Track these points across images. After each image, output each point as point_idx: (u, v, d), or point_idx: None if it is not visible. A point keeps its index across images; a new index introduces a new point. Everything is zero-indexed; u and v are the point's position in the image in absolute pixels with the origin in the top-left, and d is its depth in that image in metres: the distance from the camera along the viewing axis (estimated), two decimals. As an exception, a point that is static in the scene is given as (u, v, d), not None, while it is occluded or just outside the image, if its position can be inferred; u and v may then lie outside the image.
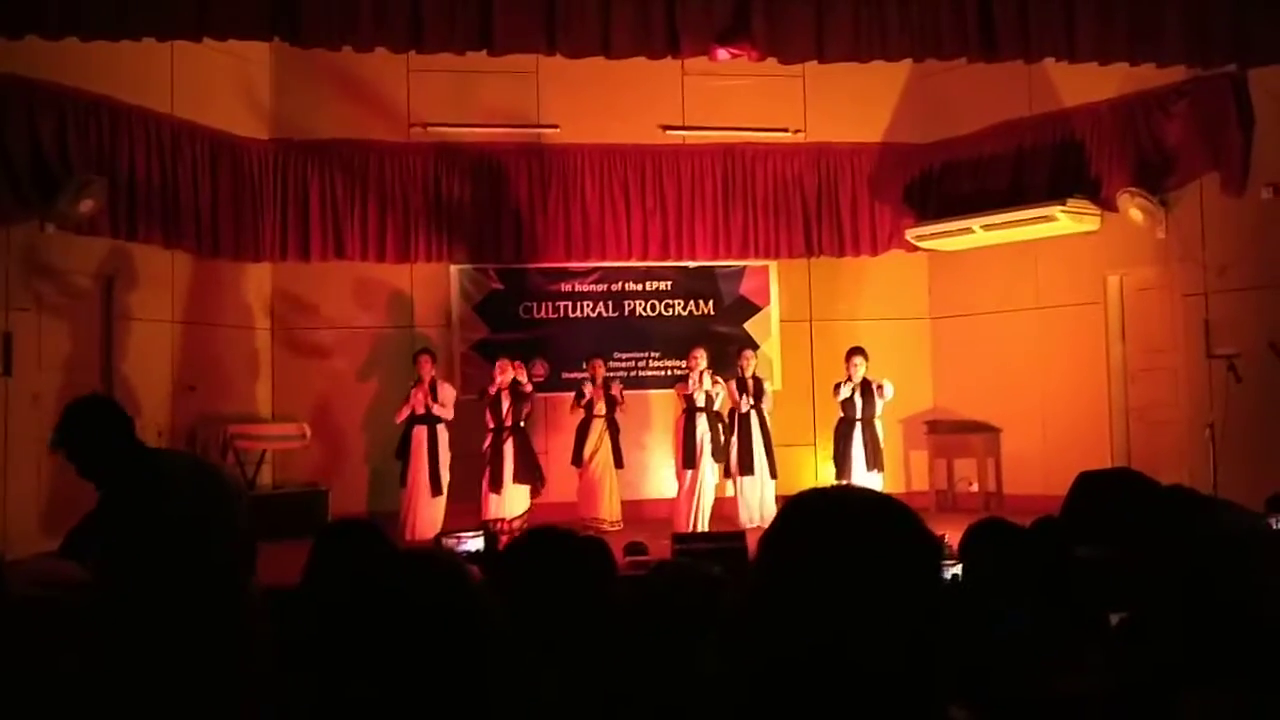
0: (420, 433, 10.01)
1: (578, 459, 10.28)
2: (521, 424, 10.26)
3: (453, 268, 11.42)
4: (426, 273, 11.35)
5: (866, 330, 11.55)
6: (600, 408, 10.26)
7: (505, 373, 10.06)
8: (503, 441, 10.06)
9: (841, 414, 10.05)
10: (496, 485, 9.95)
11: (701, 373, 9.92)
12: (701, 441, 9.85)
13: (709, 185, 11.56)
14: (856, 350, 10.10)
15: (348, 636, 1.55)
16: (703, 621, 2.65)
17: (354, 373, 11.20)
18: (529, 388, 10.25)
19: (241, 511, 3.32)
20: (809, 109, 11.77)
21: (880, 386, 9.88)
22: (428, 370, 10.09)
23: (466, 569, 1.66)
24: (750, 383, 10.32)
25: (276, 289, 11.14)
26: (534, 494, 10.16)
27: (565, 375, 11.40)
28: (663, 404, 11.18)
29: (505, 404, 10.10)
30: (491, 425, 10.11)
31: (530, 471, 10.11)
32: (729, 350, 10.84)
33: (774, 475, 10.26)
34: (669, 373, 11.52)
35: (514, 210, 11.27)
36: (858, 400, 9.93)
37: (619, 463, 10.31)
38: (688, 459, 9.84)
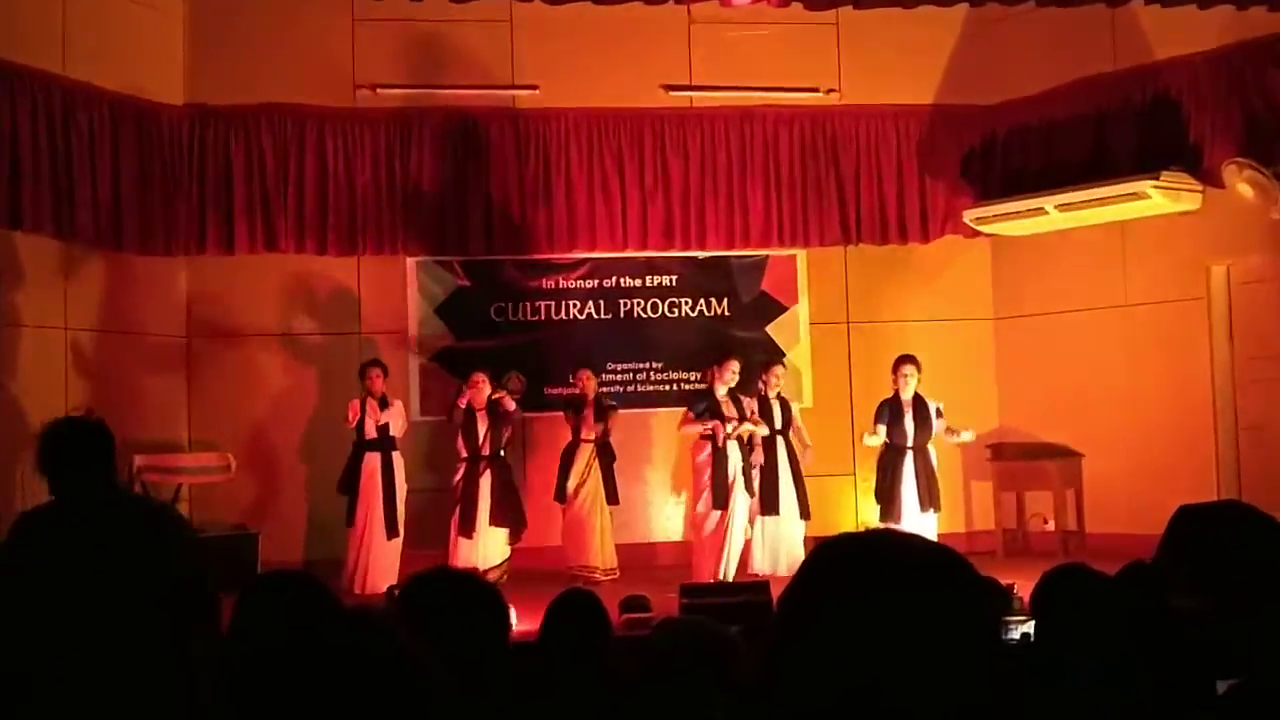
0: (372, 461, 10.06)
1: (561, 494, 10.32)
2: (501, 452, 10.33)
3: (410, 261, 11.58)
4: (377, 268, 11.49)
5: (917, 334, 11.65)
6: (590, 430, 10.28)
7: (481, 388, 10.14)
8: (478, 474, 10.11)
9: (886, 440, 10.09)
10: (468, 528, 9.96)
11: (734, 392, 10.02)
12: (734, 476, 9.87)
13: (722, 158, 11.67)
14: (907, 359, 10.12)
15: (275, 713, 1.58)
16: (713, 691, 2.68)
17: (289, 391, 11.34)
18: (511, 406, 10.29)
19: (181, 558, 3.45)
20: (844, 65, 11.92)
21: (954, 431, 9.99)
22: (379, 386, 10.19)
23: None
24: (776, 404, 10.43)
25: (194, 289, 11.28)
26: (514, 539, 10.24)
27: (549, 391, 11.55)
28: (666, 425, 11.29)
29: (482, 428, 10.16)
30: (465, 454, 10.17)
31: (511, 512, 10.18)
32: (752, 361, 10.91)
33: (805, 515, 10.38)
34: (674, 387, 11.74)
35: (484, 191, 11.38)
36: (909, 424, 9.97)
37: (612, 498, 10.38)
38: (719, 498, 9.79)
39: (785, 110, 11.71)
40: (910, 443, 9.92)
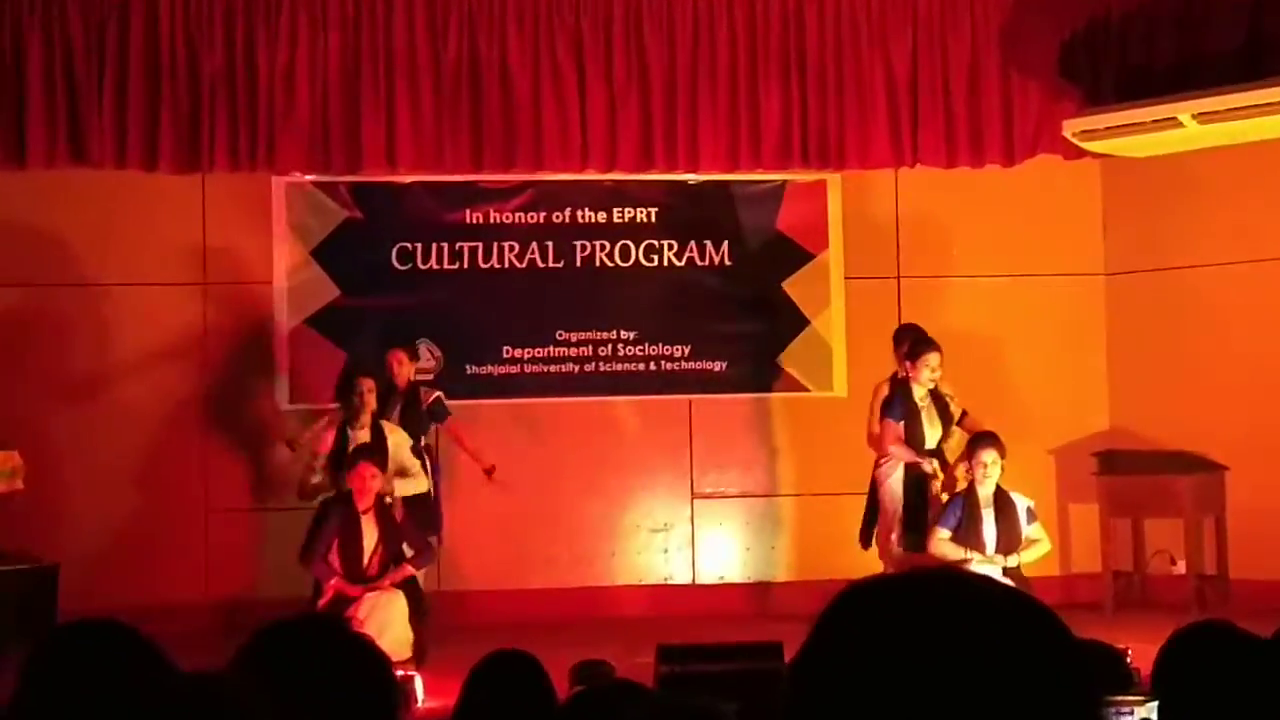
0: (365, 527, 9.86)
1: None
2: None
3: (277, 182, 11.71)
4: (230, 191, 11.59)
5: (995, 295, 11.75)
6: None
7: (402, 368, 10.58)
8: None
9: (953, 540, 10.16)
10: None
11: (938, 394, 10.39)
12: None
13: (724, 43, 11.65)
14: (987, 441, 10.04)
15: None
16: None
17: (102, 366, 11.46)
18: (434, 394, 10.67)
19: None
20: (897, -87, 11.80)
21: (1029, 512, 10.07)
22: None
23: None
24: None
25: (-32, 216, 11.36)
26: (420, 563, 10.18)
27: (472, 370, 11.76)
28: (636, 419, 11.74)
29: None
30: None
31: (425, 529, 10.50)
32: (774, 334, 11.19)
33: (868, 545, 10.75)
34: (651, 366, 11.91)
35: (385, 85, 11.41)
36: (989, 530, 9.98)
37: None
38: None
39: (811, -23, 11.67)
40: (991, 551, 9.98)
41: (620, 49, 11.60)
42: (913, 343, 10.48)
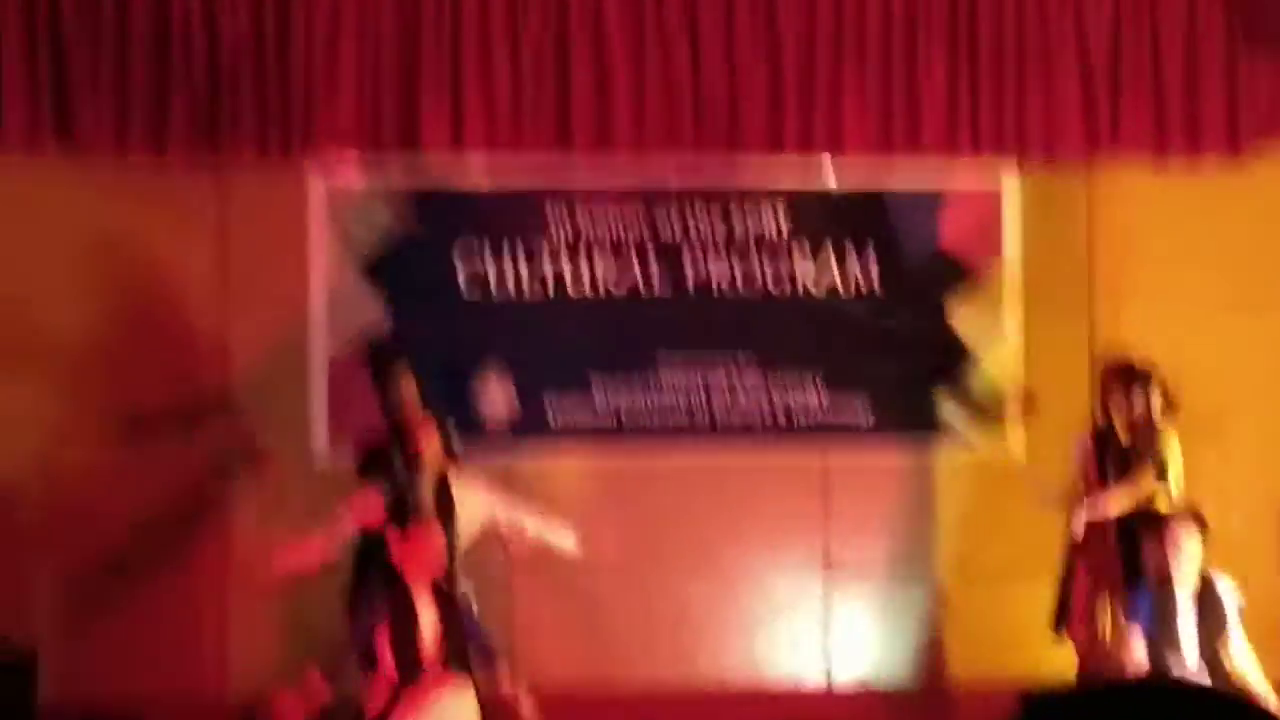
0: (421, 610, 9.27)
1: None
2: None
3: (317, 180, 11.08)
4: (256, 186, 10.93)
5: (1215, 329, 11.07)
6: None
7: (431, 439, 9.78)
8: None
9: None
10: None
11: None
12: None
13: (873, 6, 10.98)
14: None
15: None
16: None
17: (94, 404, 10.85)
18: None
19: None
20: None
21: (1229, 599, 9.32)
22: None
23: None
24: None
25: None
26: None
27: (553, 414, 11.11)
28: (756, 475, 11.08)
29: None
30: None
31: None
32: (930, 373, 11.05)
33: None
34: (777, 400, 11.12)
35: (450, 50, 10.75)
36: (1183, 631, 9.18)
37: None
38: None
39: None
40: (1187, 666, 9.21)
41: (744, 10, 10.94)
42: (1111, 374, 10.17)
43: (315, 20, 10.76)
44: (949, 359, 11.19)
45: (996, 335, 11.34)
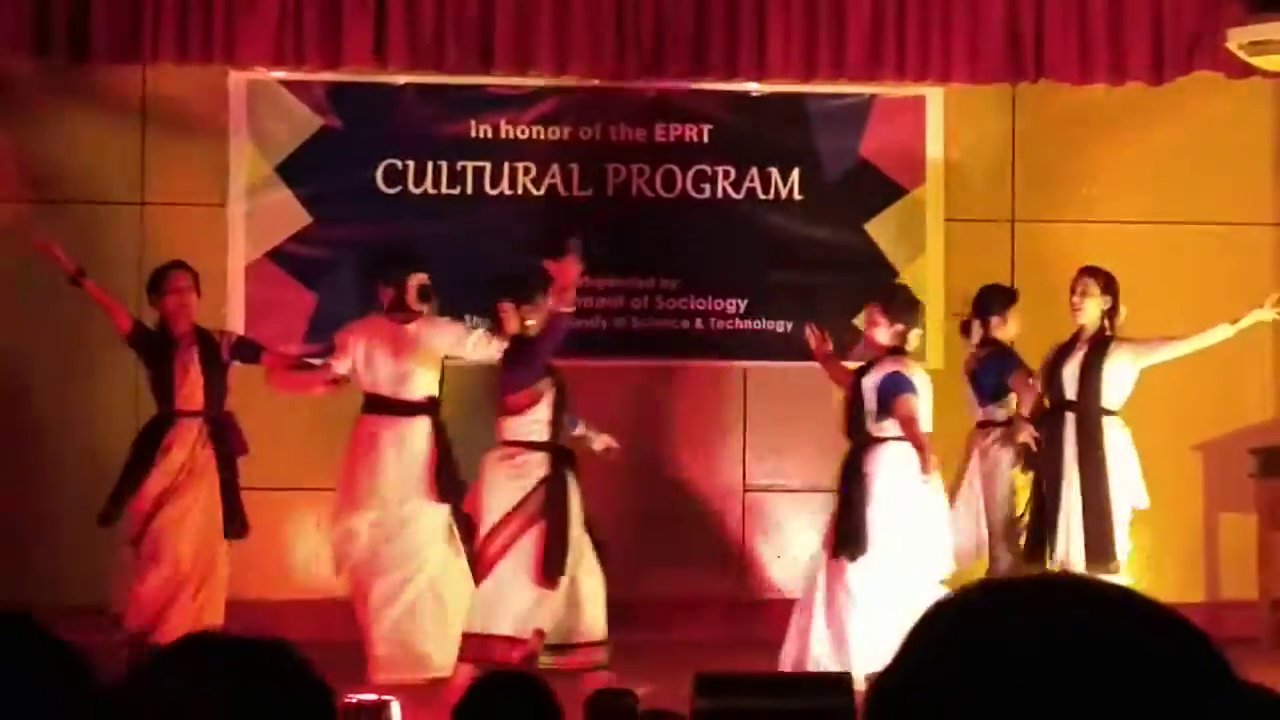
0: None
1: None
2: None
3: (236, 78, 11.22)
4: (175, 85, 11.13)
5: (1134, 244, 11.30)
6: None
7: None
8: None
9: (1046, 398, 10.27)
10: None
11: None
12: None
13: None
14: (1092, 271, 10.19)
15: None
16: None
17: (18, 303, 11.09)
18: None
19: None
20: None
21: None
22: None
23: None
24: None
25: None
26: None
27: (470, 320, 10.97)
28: (703, 388, 11.42)
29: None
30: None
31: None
32: (849, 286, 10.99)
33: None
34: (700, 324, 11.42)
35: None
36: (1068, 376, 10.06)
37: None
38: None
39: None
40: (1070, 398, 10.09)
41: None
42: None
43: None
44: (869, 272, 11.25)
45: (918, 252, 11.54)
